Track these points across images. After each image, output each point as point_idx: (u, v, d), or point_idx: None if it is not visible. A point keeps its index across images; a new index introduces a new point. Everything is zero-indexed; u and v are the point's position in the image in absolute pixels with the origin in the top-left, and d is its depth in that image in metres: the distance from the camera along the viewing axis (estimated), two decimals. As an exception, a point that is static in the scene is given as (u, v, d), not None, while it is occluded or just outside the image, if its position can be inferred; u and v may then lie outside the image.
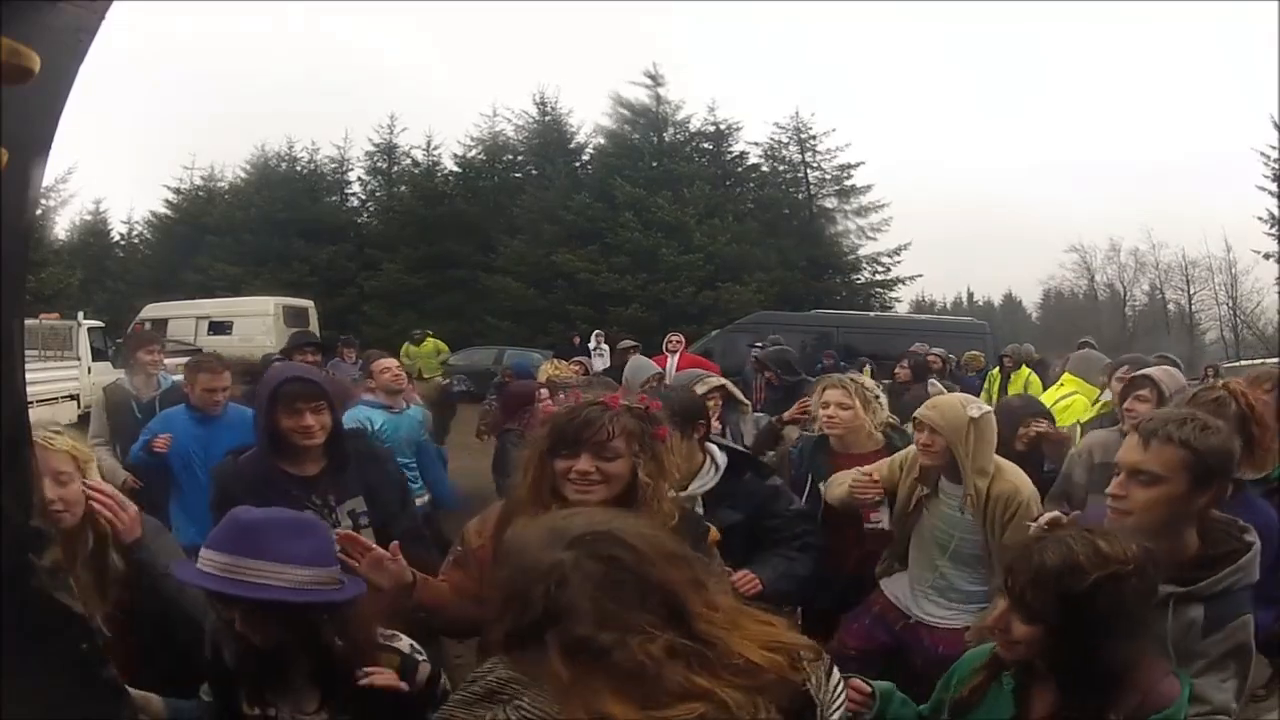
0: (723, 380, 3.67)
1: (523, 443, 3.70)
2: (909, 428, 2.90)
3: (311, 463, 2.30)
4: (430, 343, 14.23)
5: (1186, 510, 1.57)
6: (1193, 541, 1.59)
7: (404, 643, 1.58)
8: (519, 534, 1.03)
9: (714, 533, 1.87)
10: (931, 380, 6.68)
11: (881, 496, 2.71)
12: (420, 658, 1.57)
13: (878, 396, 3.14)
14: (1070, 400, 4.62)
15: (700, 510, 2.28)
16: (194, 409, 3.61)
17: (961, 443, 2.44)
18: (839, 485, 2.78)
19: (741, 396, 3.78)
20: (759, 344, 8.77)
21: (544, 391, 4.18)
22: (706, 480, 2.41)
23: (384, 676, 1.47)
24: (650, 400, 1.77)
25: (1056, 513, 1.95)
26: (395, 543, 1.70)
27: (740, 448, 2.91)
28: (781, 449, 3.50)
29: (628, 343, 9.25)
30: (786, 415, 3.69)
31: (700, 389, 3.27)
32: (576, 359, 7.86)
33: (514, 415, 4.28)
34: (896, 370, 7.24)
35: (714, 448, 2.50)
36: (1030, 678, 1.41)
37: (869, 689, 1.57)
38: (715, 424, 3.34)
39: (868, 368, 7.51)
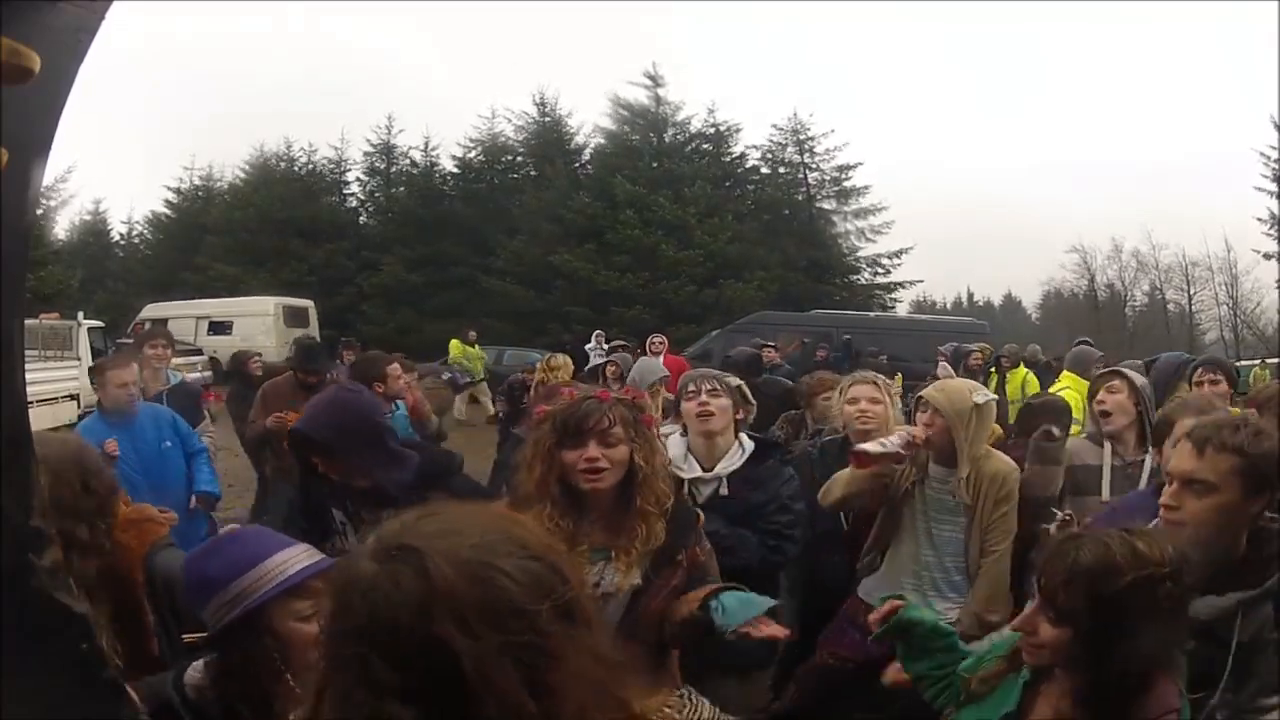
0: (739, 381, 3.82)
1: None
2: None
3: (361, 477, 2.16)
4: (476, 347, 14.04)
5: (1240, 518, 1.53)
6: (1241, 545, 1.57)
7: None
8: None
9: (701, 518, 1.93)
10: (942, 364, 6.87)
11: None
12: None
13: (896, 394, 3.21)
14: (1063, 395, 4.70)
15: (725, 491, 2.43)
16: (108, 414, 3.60)
17: (963, 427, 2.47)
18: (837, 485, 2.68)
19: (751, 398, 3.91)
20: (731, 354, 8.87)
21: (569, 390, 4.15)
22: (733, 461, 2.50)
23: None
24: (636, 392, 1.82)
25: (1069, 512, 1.95)
26: None
27: (769, 437, 3.05)
28: (798, 447, 3.51)
29: (619, 342, 9.25)
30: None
31: None
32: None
33: (526, 415, 4.11)
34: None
35: (744, 435, 2.62)
36: (1043, 677, 1.39)
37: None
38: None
39: (899, 375, 7.51)
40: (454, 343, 13.46)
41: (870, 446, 2.48)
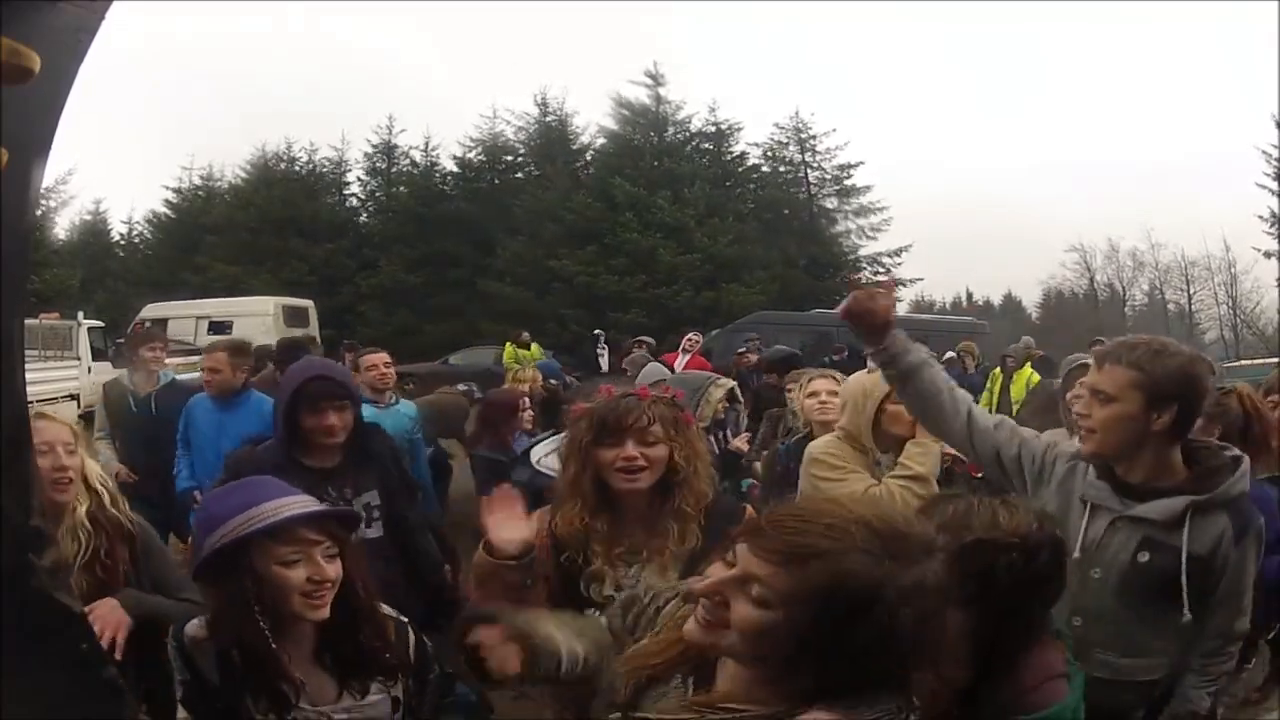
0: (733, 383, 4.18)
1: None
2: None
3: (329, 456, 2.31)
4: (535, 347, 13.78)
5: (1144, 430, 1.63)
6: (1178, 464, 1.67)
7: (390, 610, 1.59)
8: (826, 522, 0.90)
9: (750, 511, 1.87)
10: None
11: None
12: (405, 620, 1.59)
13: None
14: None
15: None
16: (212, 395, 3.93)
17: (859, 411, 2.56)
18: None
19: (740, 396, 4.31)
20: (743, 349, 8.87)
21: (526, 400, 4.11)
22: None
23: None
24: (674, 390, 1.92)
25: None
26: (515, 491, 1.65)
27: None
28: (771, 447, 3.57)
29: (644, 339, 9.26)
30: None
31: (716, 391, 3.78)
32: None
33: (492, 430, 3.78)
34: None
35: None
36: None
37: None
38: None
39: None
40: (507, 346, 13.33)
41: None
